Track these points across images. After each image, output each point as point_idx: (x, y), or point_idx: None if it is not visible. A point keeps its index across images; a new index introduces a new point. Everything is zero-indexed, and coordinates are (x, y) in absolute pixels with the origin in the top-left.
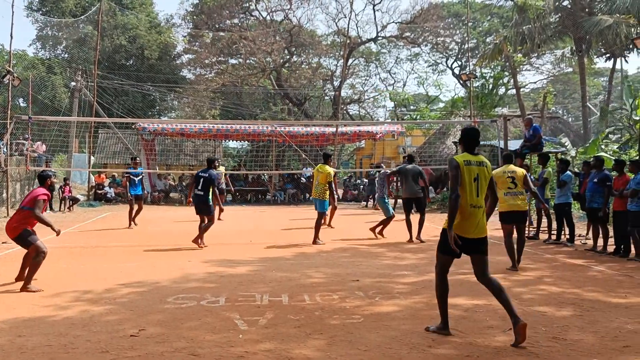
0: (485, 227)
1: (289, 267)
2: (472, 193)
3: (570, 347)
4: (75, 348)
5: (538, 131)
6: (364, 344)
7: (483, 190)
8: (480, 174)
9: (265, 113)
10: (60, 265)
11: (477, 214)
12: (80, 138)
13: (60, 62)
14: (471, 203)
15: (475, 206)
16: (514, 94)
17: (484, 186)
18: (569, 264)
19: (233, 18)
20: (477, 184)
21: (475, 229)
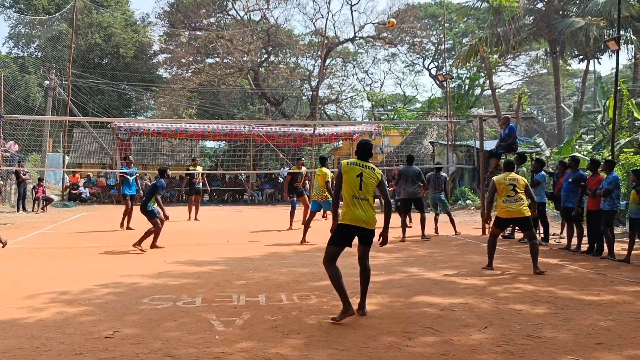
0: (372, 222)
1: (266, 267)
2: (354, 187)
3: (544, 345)
4: (48, 350)
5: (514, 131)
6: (341, 344)
7: (367, 188)
8: (364, 174)
9: (243, 113)
10: (34, 266)
11: (361, 204)
12: (55, 137)
13: (33, 61)
14: (354, 195)
15: (358, 198)
16: (489, 95)
17: (367, 184)
18: (544, 263)
19: (210, 17)
20: (359, 180)
21: (361, 218)
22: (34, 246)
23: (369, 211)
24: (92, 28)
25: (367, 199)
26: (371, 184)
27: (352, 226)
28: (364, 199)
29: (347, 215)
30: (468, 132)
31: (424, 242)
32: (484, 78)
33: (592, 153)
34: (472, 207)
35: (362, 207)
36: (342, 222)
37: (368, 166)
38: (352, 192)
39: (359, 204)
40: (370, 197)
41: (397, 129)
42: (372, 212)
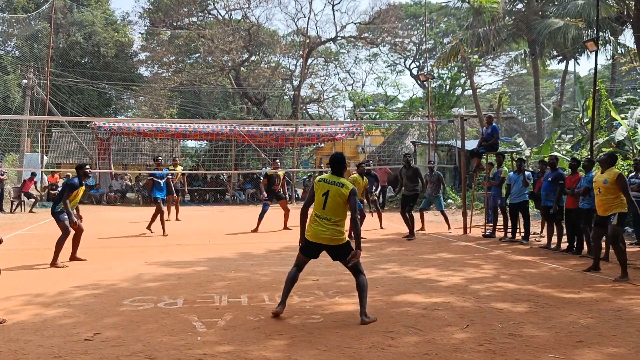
0: (333, 238)
1: (248, 267)
2: (319, 205)
3: (525, 343)
4: (26, 354)
5: (496, 131)
6: (324, 344)
7: (331, 207)
8: (331, 191)
9: (224, 112)
10: (11, 267)
11: (321, 223)
12: (33, 137)
13: (11, 60)
14: (316, 213)
15: (320, 217)
16: (470, 95)
17: (332, 203)
18: (524, 261)
19: (191, 16)
20: (325, 198)
21: (319, 236)
22: (13, 247)
23: (330, 228)
24: (73, 27)
25: (329, 218)
26: (337, 203)
27: (314, 243)
28: (325, 217)
29: (309, 232)
30: (449, 132)
31: (401, 241)
32: (465, 78)
33: (571, 152)
34: (453, 207)
35: (322, 225)
36: (306, 236)
37: (338, 183)
38: (316, 209)
39: (320, 222)
40: (333, 216)
41: (379, 129)
42: (334, 229)
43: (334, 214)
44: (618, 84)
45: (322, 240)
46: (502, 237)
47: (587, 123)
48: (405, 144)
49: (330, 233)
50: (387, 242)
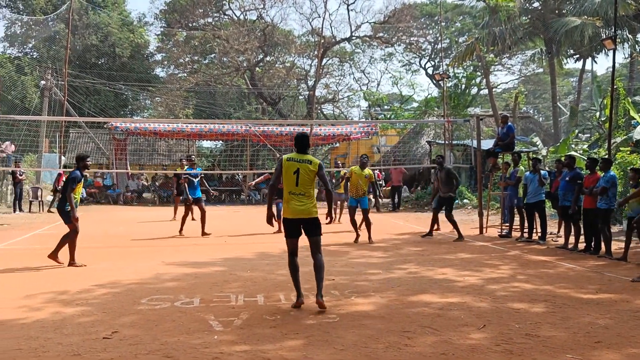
0: (310, 211)
1: (264, 267)
2: (292, 183)
3: (543, 344)
4: (46, 351)
5: (512, 130)
6: (340, 344)
7: (303, 182)
8: (301, 169)
9: (239, 112)
10: (32, 266)
11: (298, 199)
12: (51, 138)
13: (29, 61)
14: (290, 190)
15: (295, 193)
16: (486, 94)
17: (304, 179)
18: (541, 262)
19: (206, 17)
20: (296, 176)
21: (297, 210)
22: (31, 247)
23: (306, 203)
24: (89, 28)
25: (304, 193)
26: (309, 178)
27: (295, 219)
28: (300, 193)
29: (287, 210)
30: (465, 131)
31: (418, 241)
32: (481, 77)
33: (589, 152)
34: (469, 207)
35: (298, 200)
36: (284, 217)
37: (306, 160)
38: (289, 188)
39: (295, 198)
40: (307, 191)
41: (394, 129)
42: (309, 203)
43: (307, 189)
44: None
45: (300, 215)
46: (519, 237)
47: (605, 122)
48: (420, 143)
49: (307, 207)
50: (404, 242)
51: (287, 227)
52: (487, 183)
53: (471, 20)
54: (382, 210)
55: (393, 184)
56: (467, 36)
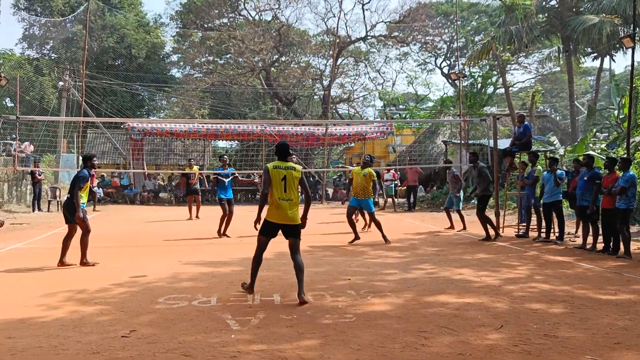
0: (296, 218)
1: (279, 266)
2: (280, 189)
3: (562, 344)
4: (65, 349)
5: (529, 129)
6: (357, 343)
7: (290, 188)
8: (288, 175)
9: (255, 112)
10: (51, 265)
11: (285, 205)
12: (69, 138)
13: (47, 62)
14: (279, 197)
15: (283, 199)
16: (502, 93)
17: (291, 184)
18: (559, 262)
19: (222, 17)
20: (284, 182)
21: (286, 217)
22: (50, 246)
23: (293, 209)
24: (106, 30)
25: (292, 199)
26: (294, 184)
27: (278, 223)
28: (288, 199)
29: (273, 214)
30: (481, 131)
31: (434, 241)
32: (497, 76)
33: (607, 151)
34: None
35: (287, 207)
36: (268, 219)
37: (289, 167)
38: (278, 194)
39: (285, 204)
40: (294, 197)
41: (410, 128)
42: (295, 210)
43: (294, 195)
44: None
45: (287, 221)
46: (536, 237)
47: (623, 121)
48: (436, 143)
49: (293, 214)
50: (421, 242)
51: (268, 228)
52: (504, 183)
53: (487, 19)
54: (398, 210)
55: (409, 184)
56: (483, 35)
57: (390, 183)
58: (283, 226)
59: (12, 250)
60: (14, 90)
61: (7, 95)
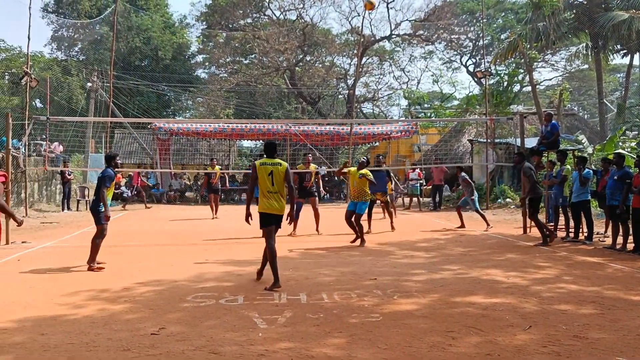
0: (282, 209)
1: (305, 266)
2: (268, 183)
3: (592, 346)
4: (97, 346)
5: (556, 128)
6: (384, 343)
7: (277, 182)
8: (274, 171)
9: (279, 112)
10: (76, 264)
11: (274, 197)
12: (97, 138)
13: (76, 63)
14: (267, 190)
15: (271, 192)
16: (529, 91)
17: (277, 179)
18: (588, 262)
19: (246, 18)
20: (271, 177)
21: (274, 207)
22: (79, 244)
23: (280, 201)
24: (132, 31)
25: (278, 192)
26: (280, 178)
27: (270, 214)
28: (275, 192)
29: (264, 206)
30: (507, 130)
31: (461, 241)
32: (524, 74)
33: (637, 150)
34: (512, 206)
35: (274, 198)
36: (261, 211)
37: (276, 163)
38: (266, 187)
39: (272, 196)
40: (280, 190)
41: (435, 127)
42: (282, 202)
43: (280, 188)
44: None
45: (275, 211)
46: (564, 237)
47: None
48: (461, 142)
49: (280, 205)
50: (447, 242)
51: (265, 219)
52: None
53: (514, 16)
54: (423, 210)
55: (434, 183)
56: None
57: (415, 182)
58: (273, 216)
59: (43, 248)
60: (43, 92)
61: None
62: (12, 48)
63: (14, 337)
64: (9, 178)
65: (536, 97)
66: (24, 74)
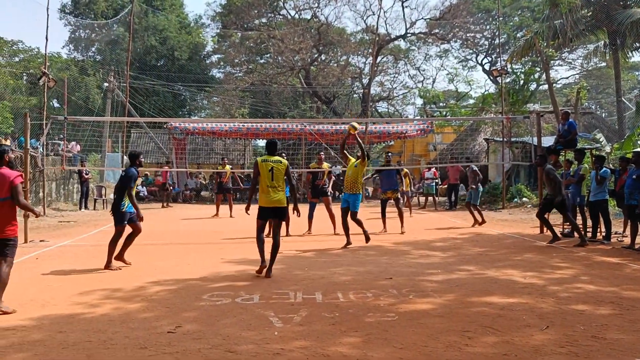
0: (281, 201)
1: (320, 265)
2: (268, 178)
3: (610, 347)
4: (114, 344)
5: (573, 127)
6: (399, 342)
7: (277, 178)
8: (275, 167)
9: (294, 111)
10: (93, 263)
11: (271, 191)
12: (113, 138)
13: (92, 64)
14: (267, 184)
15: (270, 186)
16: (545, 90)
17: (277, 175)
18: (606, 262)
19: (261, 17)
20: (271, 173)
21: (272, 200)
22: (96, 243)
23: (280, 194)
24: (148, 31)
25: (277, 186)
26: (280, 174)
27: (268, 207)
28: (275, 186)
29: (263, 200)
30: (524, 128)
31: (477, 240)
32: (540, 72)
33: None
34: (528, 205)
35: (274, 192)
36: (261, 205)
37: (276, 160)
38: (267, 182)
39: (272, 190)
40: (280, 184)
41: (451, 126)
42: (282, 194)
43: (279, 183)
44: None
45: (274, 204)
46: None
47: None
48: (477, 141)
49: (279, 197)
50: (464, 241)
51: (261, 212)
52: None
53: (530, 14)
54: (439, 209)
55: (450, 182)
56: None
57: (431, 181)
58: (271, 209)
59: (61, 247)
60: (61, 92)
61: (55, 96)
62: (30, 49)
63: (33, 335)
64: (27, 177)
65: (553, 96)
66: (42, 74)
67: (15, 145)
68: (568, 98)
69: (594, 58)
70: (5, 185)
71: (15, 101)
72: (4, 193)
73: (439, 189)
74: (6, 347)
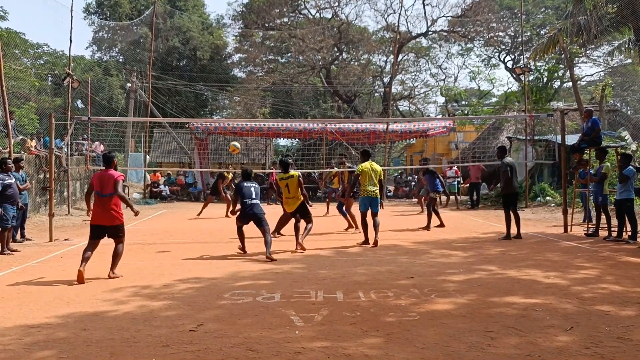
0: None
1: (341, 264)
2: (286, 192)
3: (636, 348)
4: (137, 342)
5: (597, 124)
6: (421, 342)
7: (292, 190)
8: (289, 183)
9: (315, 110)
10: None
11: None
12: (136, 137)
13: (115, 64)
14: (286, 197)
15: (289, 197)
16: (569, 87)
17: (292, 187)
18: (632, 262)
19: (282, 17)
20: (287, 188)
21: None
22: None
23: (296, 203)
24: (171, 32)
25: (294, 197)
26: (295, 187)
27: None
28: (291, 197)
29: (288, 207)
30: (547, 126)
31: (499, 240)
32: (564, 70)
33: None
34: (552, 204)
35: (291, 202)
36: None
37: (289, 176)
38: (285, 195)
39: (289, 201)
40: (295, 195)
41: (473, 124)
42: (298, 202)
43: (295, 194)
44: None
45: (294, 209)
46: (606, 237)
47: None
48: (500, 139)
49: (298, 205)
50: (485, 241)
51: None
52: (572, 180)
53: (553, 12)
54: (461, 208)
55: (471, 181)
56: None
57: (452, 180)
58: (293, 212)
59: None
60: (85, 93)
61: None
62: (55, 52)
63: (58, 332)
64: (52, 177)
65: (577, 93)
66: (66, 75)
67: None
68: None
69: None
70: (111, 183)
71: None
72: (110, 189)
73: (461, 187)
74: (32, 344)
